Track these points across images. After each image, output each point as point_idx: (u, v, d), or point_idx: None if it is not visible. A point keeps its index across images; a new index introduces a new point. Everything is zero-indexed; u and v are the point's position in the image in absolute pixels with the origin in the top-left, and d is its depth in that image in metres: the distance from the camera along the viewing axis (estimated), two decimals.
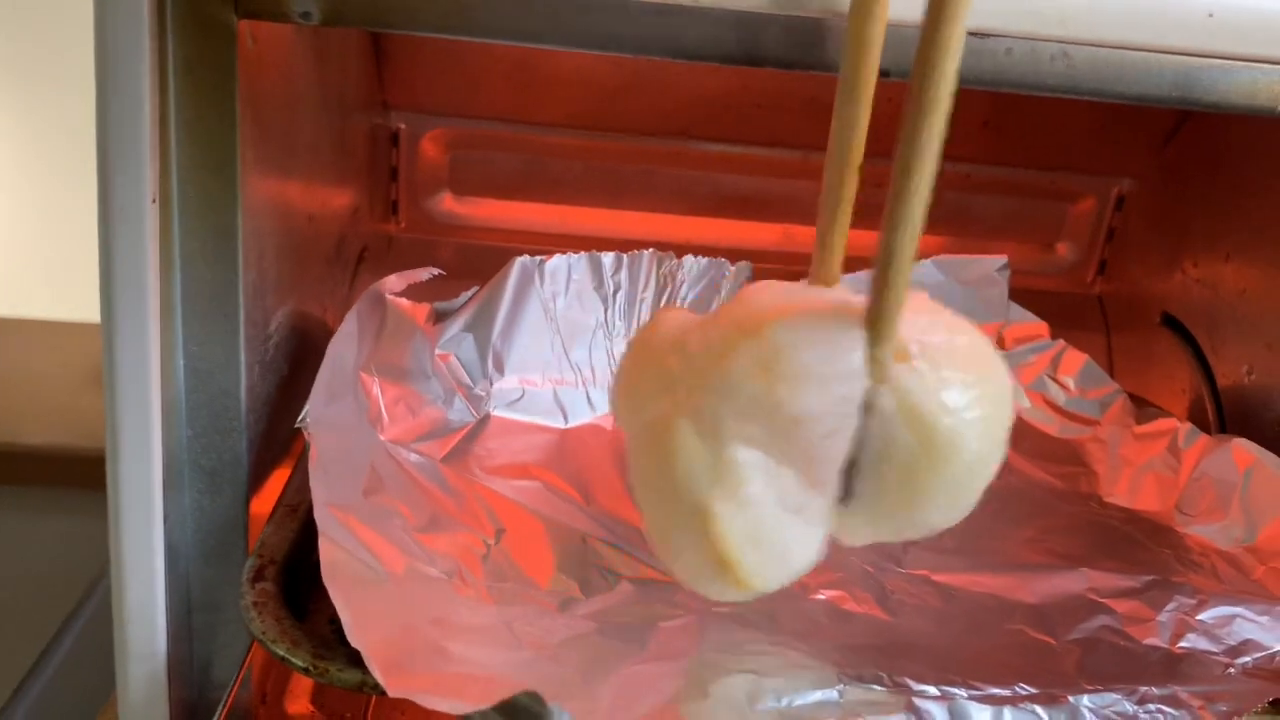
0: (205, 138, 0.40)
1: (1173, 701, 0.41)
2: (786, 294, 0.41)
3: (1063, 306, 0.75)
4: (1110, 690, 0.41)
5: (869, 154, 0.39)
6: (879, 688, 0.40)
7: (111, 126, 0.38)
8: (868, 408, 0.39)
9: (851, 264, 0.43)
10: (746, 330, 0.40)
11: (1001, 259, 0.67)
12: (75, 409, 0.88)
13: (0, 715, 0.57)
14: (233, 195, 0.41)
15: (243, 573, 0.42)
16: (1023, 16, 0.40)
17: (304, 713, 0.52)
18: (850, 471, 0.41)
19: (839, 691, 0.39)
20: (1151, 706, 0.41)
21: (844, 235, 0.41)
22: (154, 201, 0.39)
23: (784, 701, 0.38)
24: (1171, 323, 0.68)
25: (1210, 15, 0.41)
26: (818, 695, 0.39)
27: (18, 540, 0.79)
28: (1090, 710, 0.40)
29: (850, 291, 0.40)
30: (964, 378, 0.39)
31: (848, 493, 0.41)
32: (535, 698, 0.32)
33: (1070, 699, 0.40)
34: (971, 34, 0.39)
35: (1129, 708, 0.41)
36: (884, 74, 0.37)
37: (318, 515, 0.41)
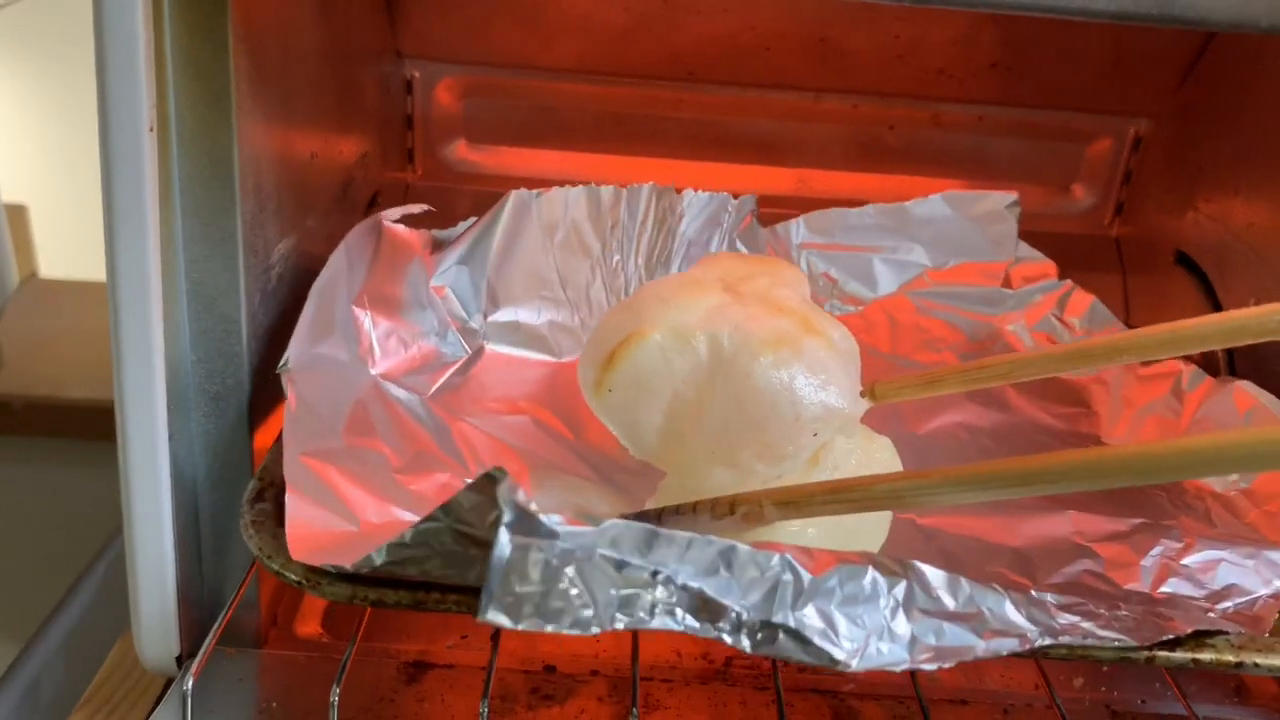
0: (199, 68, 0.41)
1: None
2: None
3: (1080, 249, 0.75)
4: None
5: (874, 92, 0.37)
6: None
7: (109, 57, 0.39)
8: None
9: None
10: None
11: (1011, 195, 0.66)
12: None
13: (33, 639, 0.59)
14: (227, 124, 0.42)
15: (244, 495, 0.44)
16: None
17: (314, 634, 0.53)
18: None
19: None
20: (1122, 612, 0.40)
21: None
22: (151, 130, 0.41)
23: None
24: (1184, 261, 0.67)
25: None
26: None
27: (59, 488, 0.82)
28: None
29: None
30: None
31: None
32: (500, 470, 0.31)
33: (1033, 592, 0.38)
34: None
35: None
36: None
37: (287, 469, 0.41)
